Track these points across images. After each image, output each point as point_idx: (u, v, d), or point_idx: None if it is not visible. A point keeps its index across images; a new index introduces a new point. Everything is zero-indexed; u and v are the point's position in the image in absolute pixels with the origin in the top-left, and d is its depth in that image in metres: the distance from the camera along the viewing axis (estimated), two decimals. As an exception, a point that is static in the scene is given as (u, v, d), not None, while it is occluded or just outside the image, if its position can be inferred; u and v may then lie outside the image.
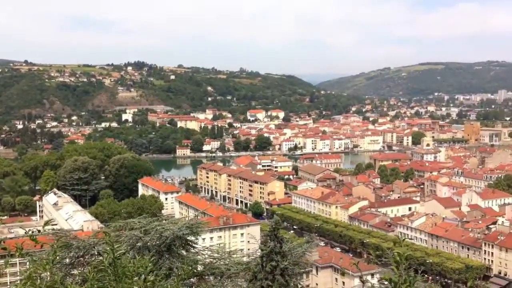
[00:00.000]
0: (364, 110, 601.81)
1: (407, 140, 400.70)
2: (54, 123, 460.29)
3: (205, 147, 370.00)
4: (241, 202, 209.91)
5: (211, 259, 16.83)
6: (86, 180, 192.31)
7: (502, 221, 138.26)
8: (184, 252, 16.55)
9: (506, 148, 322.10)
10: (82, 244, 15.68)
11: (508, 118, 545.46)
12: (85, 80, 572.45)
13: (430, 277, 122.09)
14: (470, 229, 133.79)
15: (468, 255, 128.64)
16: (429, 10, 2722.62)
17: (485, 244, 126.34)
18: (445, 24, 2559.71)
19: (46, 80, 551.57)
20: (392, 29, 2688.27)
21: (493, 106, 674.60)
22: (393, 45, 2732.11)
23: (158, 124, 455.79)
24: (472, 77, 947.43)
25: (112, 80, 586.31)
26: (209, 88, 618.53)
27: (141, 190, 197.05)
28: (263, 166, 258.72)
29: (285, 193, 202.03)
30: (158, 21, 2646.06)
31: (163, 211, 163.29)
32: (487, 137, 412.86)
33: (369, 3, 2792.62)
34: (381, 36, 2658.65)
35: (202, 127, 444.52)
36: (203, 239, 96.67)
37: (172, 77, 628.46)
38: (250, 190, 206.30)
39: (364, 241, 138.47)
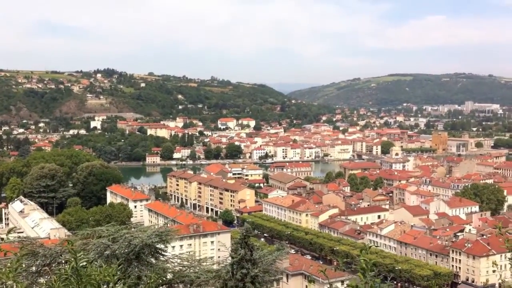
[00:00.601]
0: (334, 119, 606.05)
1: (377, 149, 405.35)
2: (21, 130, 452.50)
3: (176, 155, 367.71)
4: (212, 210, 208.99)
5: (181, 267, 16.67)
6: (53, 187, 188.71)
7: (469, 229, 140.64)
8: (153, 260, 16.35)
9: (472, 158, 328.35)
10: (49, 252, 15.38)
11: (474, 129, 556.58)
12: (53, 86, 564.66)
13: (399, 284, 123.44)
14: (438, 237, 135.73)
15: (436, 262, 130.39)
16: (399, 22, 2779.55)
17: (452, 251, 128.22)
18: (414, 36, 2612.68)
19: (13, 86, 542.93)
20: (363, 40, 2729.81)
21: (460, 117, 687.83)
22: (364, 56, 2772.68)
23: (127, 132, 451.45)
24: (440, 88, 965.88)
25: (81, 87, 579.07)
26: (180, 96, 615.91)
27: (109, 198, 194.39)
28: (233, 174, 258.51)
29: (256, 201, 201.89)
30: (129, 28, 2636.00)
31: (132, 219, 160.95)
32: (454, 147, 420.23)
33: (341, 15, 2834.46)
34: (352, 47, 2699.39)
35: (172, 135, 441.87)
36: (173, 247, 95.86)
37: (143, 84, 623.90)
38: (221, 198, 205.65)
39: (334, 248, 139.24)
